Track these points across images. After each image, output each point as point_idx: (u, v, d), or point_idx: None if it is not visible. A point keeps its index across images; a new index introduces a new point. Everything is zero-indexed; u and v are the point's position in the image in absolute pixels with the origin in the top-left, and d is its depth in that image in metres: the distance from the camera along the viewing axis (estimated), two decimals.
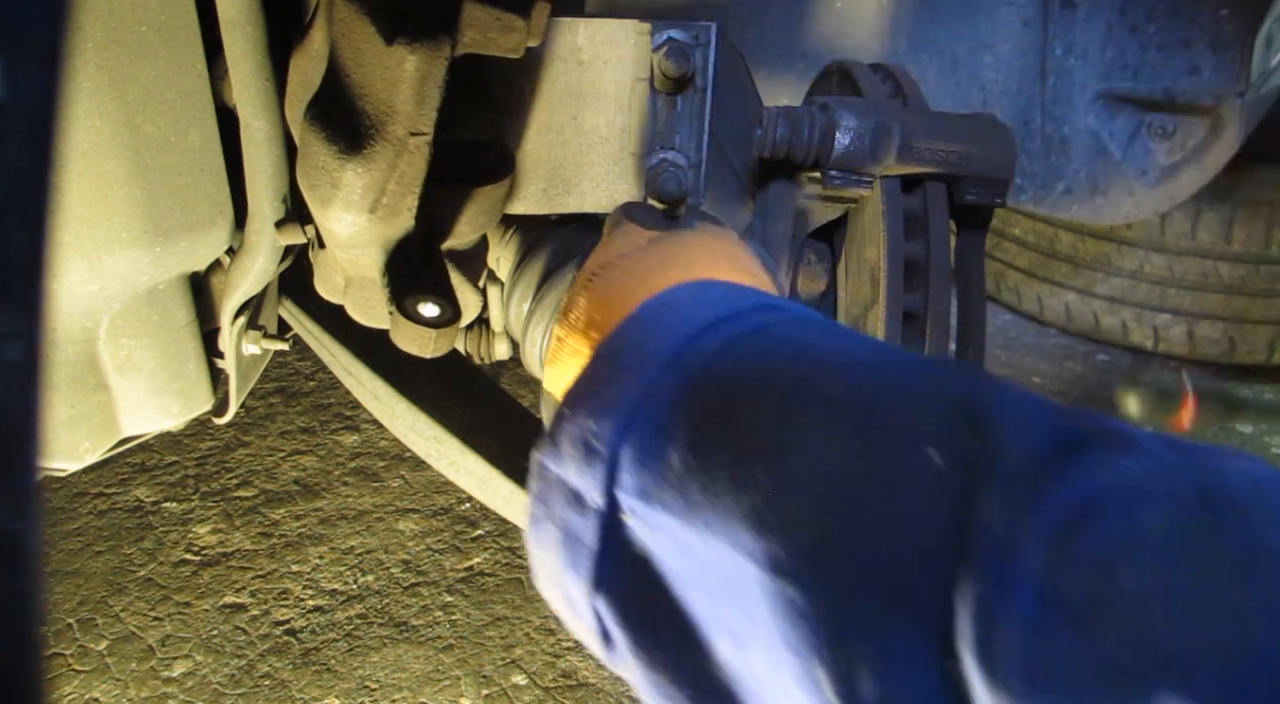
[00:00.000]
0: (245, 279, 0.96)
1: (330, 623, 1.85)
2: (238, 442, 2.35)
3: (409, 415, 1.22)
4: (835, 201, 0.84)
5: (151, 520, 2.10)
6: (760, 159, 0.84)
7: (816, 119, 0.79)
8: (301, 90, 0.79)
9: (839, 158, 0.77)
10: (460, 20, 0.68)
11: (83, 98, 0.78)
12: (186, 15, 0.84)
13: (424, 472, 2.23)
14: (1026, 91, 1.42)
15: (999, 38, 1.40)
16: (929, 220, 0.77)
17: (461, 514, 2.14)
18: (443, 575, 1.98)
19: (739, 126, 0.85)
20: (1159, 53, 1.38)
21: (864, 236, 0.82)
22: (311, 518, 2.11)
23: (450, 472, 1.23)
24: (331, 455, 2.31)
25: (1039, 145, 1.45)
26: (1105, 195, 1.47)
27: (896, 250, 0.75)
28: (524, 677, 1.75)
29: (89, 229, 0.83)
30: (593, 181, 0.87)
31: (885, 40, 1.38)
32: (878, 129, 0.76)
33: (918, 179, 0.78)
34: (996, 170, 0.78)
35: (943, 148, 0.77)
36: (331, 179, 0.73)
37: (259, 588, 1.93)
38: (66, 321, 0.89)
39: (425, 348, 0.78)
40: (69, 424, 0.94)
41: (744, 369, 0.45)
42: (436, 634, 1.83)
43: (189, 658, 1.77)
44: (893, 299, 0.76)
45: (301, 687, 1.72)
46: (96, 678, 1.71)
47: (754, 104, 0.84)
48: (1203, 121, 1.42)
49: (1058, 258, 2.83)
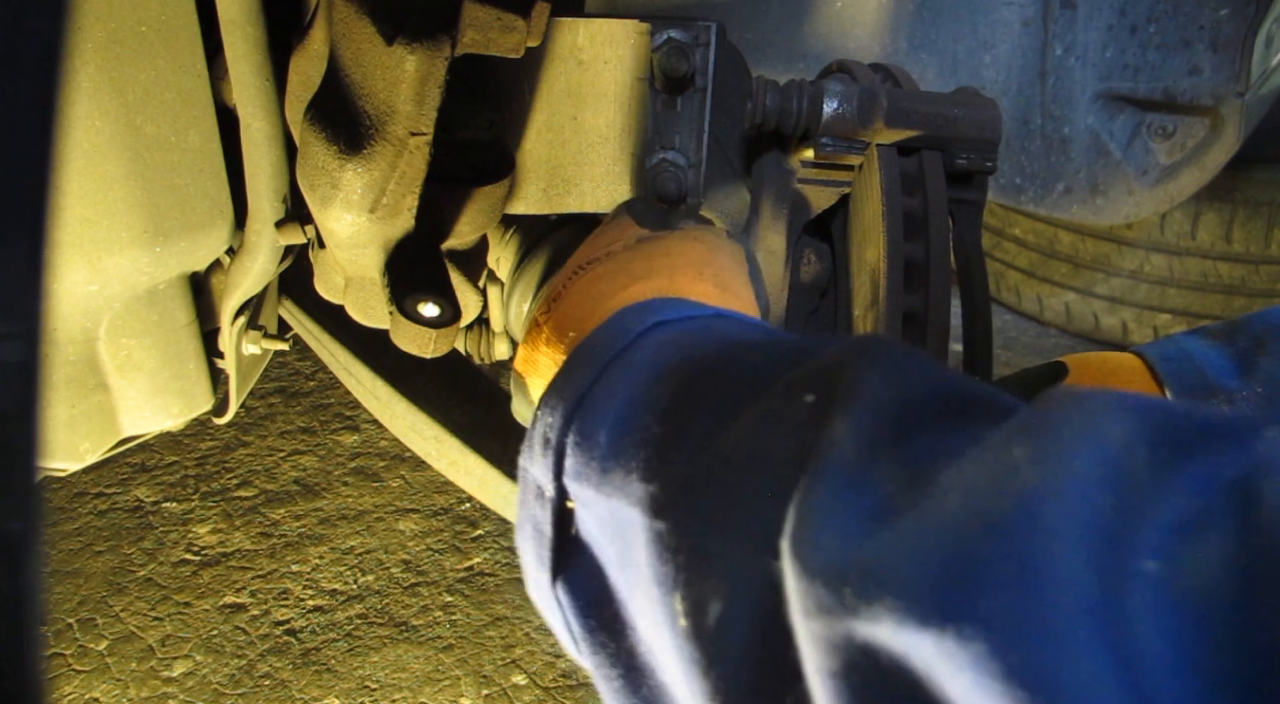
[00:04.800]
0: (245, 279, 0.96)
1: (330, 623, 1.85)
2: (238, 442, 2.35)
3: (409, 415, 1.22)
4: (830, 171, 0.84)
5: (151, 520, 2.10)
6: (752, 134, 0.84)
7: (805, 88, 0.80)
8: (301, 90, 0.79)
9: (829, 122, 0.78)
10: (460, 20, 0.68)
11: (83, 98, 0.78)
12: (186, 15, 0.84)
13: (424, 472, 2.23)
14: (1026, 92, 1.42)
15: (999, 38, 1.40)
16: (925, 181, 0.78)
17: (461, 514, 2.14)
18: (443, 575, 1.97)
19: (739, 126, 0.85)
20: (1159, 53, 1.38)
21: (864, 237, 0.82)
22: (311, 518, 2.11)
23: (450, 472, 1.23)
24: (331, 455, 2.31)
25: (1039, 145, 1.45)
26: (1105, 195, 1.47)
27: (896, 251, 0.76)
28: (524, 677, 1.75)
29: (89, 229, 0.83)
30: (593, 181, 0.87)
31: (885, 40, 1.38)
32: (865, 94, 0.77)
33: (913, 148, 0.79)
34: (984, 131, 0.79)
35: (930, 110, 0.78)
36: (331, 179, 0.73)
37: (259, 588, 1.93)
38: (66, 322, 0.89)
39: (425, 348, 0.78)
40: (69, 424, 0.94)
41: (674, 357, 0.49)
42: (436, 634, 1.83)
43: (189, 658, 1.77)
44: (893, 300, 0.76)
45: (301, 687, 1.72)
46: (96, 678, 1.71)
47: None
48: (1203, 121, 1.42)
49: (1058, 258, 2.83)
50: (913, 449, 0.36)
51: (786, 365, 0.44)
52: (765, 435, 0.40)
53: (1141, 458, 0.30)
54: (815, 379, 0.41)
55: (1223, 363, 0.76)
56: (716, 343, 0.49)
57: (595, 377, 0.49)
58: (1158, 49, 1.38)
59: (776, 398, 0.41)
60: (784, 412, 0.40)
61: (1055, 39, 1.39)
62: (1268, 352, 0.74)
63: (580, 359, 0.52)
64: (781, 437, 0.39)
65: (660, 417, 0.44)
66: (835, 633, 0.31)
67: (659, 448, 0.43)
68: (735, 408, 0.42)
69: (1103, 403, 0.33)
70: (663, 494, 0.41)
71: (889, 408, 0.37)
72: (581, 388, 0.49)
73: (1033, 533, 0.28)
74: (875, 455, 0.36)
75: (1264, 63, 1.37)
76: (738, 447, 0.40)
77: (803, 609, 0.33)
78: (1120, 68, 1.39)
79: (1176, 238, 2.58)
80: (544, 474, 0.50)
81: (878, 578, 0.30)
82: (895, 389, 0.38)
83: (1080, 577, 0.27)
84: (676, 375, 0.47)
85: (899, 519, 0.32)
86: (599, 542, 0.48)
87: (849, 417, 0.37)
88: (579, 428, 0.48)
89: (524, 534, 0.53)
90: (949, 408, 0.38)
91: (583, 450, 0.47)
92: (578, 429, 0.48)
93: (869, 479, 0.35)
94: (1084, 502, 0.29)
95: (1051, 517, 0.28)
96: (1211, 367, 0.76)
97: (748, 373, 0.45)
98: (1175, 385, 0.77)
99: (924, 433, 0.37)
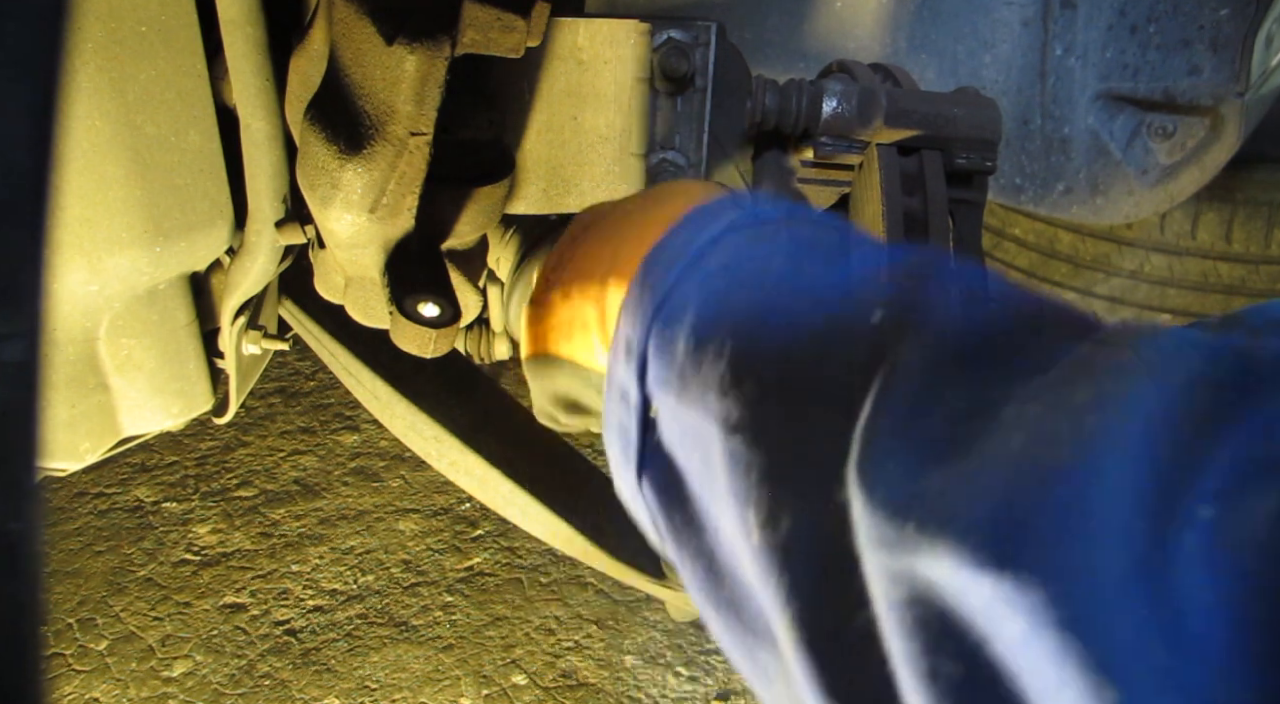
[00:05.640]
0: (245, 279, 0.96)
1: (330, 623, 1.85)
2: (238, 442, 2.35)
3: (409, 415, 1.22)
4: (829, 170, 0.84)
5: (151, 520, 2.10)
6: (751, 134, 0.84)
7: (804, 88, 0.79)
8: (301, 90, 0.79)
9: (828, 122, 0.78)
10: (460, 20, 0.68)
11: (83, 98, 0.78)
12: (186, 15, 0.84)
13: (424, 472, 2.23)
14: (1026, 92, 1.42)
15: (999, 38, 1.40)
16: (925, 181, 0.78)
17: (461, 514, 2.14)
18: (443, 575, 1.98)
19: (739, 125, 0.85)
20: (1159, 53, 1.38)
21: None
22: (311, 518, 2.11)
23: (450, 472, 1.23)
24: (331, 455, 2.31)
25: (1039, 145, 1.45)
26: (1105, 195, 1.47)
27: (896, 214, 0.76)
28: (524, 677, 1.75)
29: (89, 229, 0.83)
30: (593, 181, 0.87)
31: (885, 40, 1.38)
32: (864, 93, 0.77)
33: (912, 147, 0.79)
34: (984, 131, 0.79)
35: (929, 110, 0.78)
36: (331, 179, 0.73)
37: (259, 588, 1.93)
38: (66, 321, 0.89)
39: (425, 348, 0.78)
40: (69, 424, 0.94)
41: (752, 258, 0.49)
42: (436, 634, 1.83)
43: (189, 658, 1.77)
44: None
45: (301, 687, 1.72)
46: (96, 678, 1.71)
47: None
48: (1203, 121, 1.42)
49: (1058, 258, 2.83)
50: (980, 371, 0.36)
51: (856, 281, 0.45)
52: (833, 354, 0.41)
53: (1205, 402, 0.31)
54: (884, 295, 0.41)
55: None
56: (789, 247, 0.50)
57: (674, 281, 0.50)
58: (1158, 49, 1.38)
59: (846, 314, 0.42)
60: (853, 329, 0.41)
61: (1055, 39, 1.38)
62: None
63: (657, 261, 0.52)
64: (847, 356, 0.40)
65: (734, 330, 0.45)
66: (898, 565, 0.32)
67: (733, 364, 0.44)
68: (809, 319, 0.44)
69: (1168, 343, 0.33)
70: (736, 411, 0.42)
71: (957, 328, 0.38)
72: (660, 293, 0.50)
73: (1091, 483, 0.29)
74: (941, 379, 0.36)
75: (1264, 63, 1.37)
76: (805, 364, 0.41)
77: (867, 539, 0.34)
78: (1120, 68, 1.39)
79: (1176, 238, 2.58)
80: (629, 378, 0.51)
81: (939, 517, 0.31)
82: (965, 308, 0.39)
83: (1135, 527, 0.28)
84: (749, 284, 0.47)
85: (963, 457, 0.33)
86: (681, 447, 0.49)
87: (916, 338, 0.38)
88: (659, 333, 0.49)
89: (611, 433, 0.54)
90: (1022, 325, 0.38)
91: (664, 358, 0.48)
92: (658, 335, 0.49)
93: (933, 406, 0.36)
94: (1143, 451, 0.29)
95: (1111, 467, 0.29)
96: None
97: (820, 286, 0.46)
98: None
99: (994, 352, 0.37)
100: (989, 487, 0.31)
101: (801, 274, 0.47)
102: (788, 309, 0.45)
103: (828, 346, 0.42)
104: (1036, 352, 0.37)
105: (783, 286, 0.47)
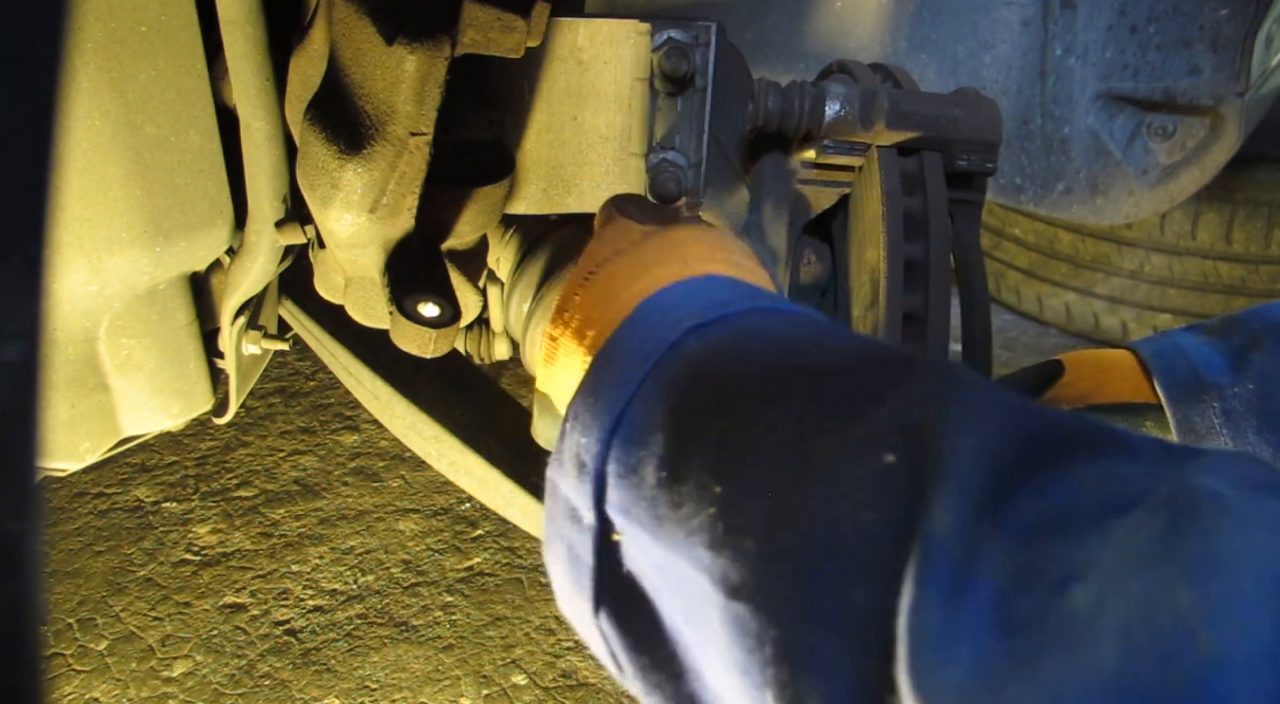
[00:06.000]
0: (245, 279, 0.96)
1: (330, 623, 1.85)
2: (238, 442, 2.35)
3: (409, 415, 1.22)
4: (831, 172, 0.84)
5: (151, 520, 2.10)
6: (753, 136, 0.84)
7: (806, 91, 0.79)
8: (301, 90, 0.79)
9: (831, 124, 0.78)
10: (460, 20, 0.68)
11: (83, 98, 0.78)
12: (186, 15, 0.84)
13: (424, 472, 2.23)
14: (1026, 91, 1.42)
15: (999, 38, 1.40)
16: (925, 182, 0.78)
17: (461, 514, 2.14)
18: (443, 575, 1.97)
19: (739, 126, 0.85)
20: (1159, 53, 1.38)
21: (864, 237, 0.82)
22: (311, 518, 2.11)
23: (450, 472, 1.23)
24: (331, 455, 2.31)
25: (1039, 145, 1.45)
26: (1105, 195, 1.47)
27: (896, 251, 0.76)
28: (524, 677, 1.75)
29: (89, 229, 0.83)
30: (593, 181, 0.87)
31: (885, 40, 1.38)
32: (866, 96, 0.77)
33: (913, 149, 0.79)
34: (985, 133, 0.79)
35: (931, 112, 0.78)
36: (331, 179, 0.73)
37: (259, 588, 1.93)
38: (66, 322, 0.89)
39: (425, 348, 0.78)
40: (69, 424, 0.94)
41: (719, 375, 0.44)
42: (436, 634, 1.83)
43: (189, 658, 1.77)
44: (893, 301, 0.76)
45: (301, 687, 1.72)
46: (96, 678, 1.71)
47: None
48: (1203, 121, 1.41)
49: (1058, 258, 2.83)
50: (1018, 518, 0.33)
51: (846, 400, 0.40)
52: (846, 508, 0.36)
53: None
54: (894, 434, 0.37)
55: (1216, 359, 0.76)
56: (761, 355, 0.45)
57: (630, 395, 0.45)
58: (1158, 49, 1.38)
59: (850, 460, 0.37)
60: (863, 477, 0.36)
61: (1055, 39, 1.39)
62: (1262, 348, 0.74)
63: (608, 365, 0.48)
64: (865, 510, 0.35)
65: (716, 467, 0.40)
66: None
67: (721, 510, 0.39)
68: (799, 456, 0.39)
69: (1248, 509, 0.29)
70: (736, 572, 0.37)
71: (984, 469, 0.34)
72: (616, 407, 0.45)
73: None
74: (981, 537, 0.32)
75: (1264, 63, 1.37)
76: (816, 519, 0.37)
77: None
78: (1120, 68, 1.39)
79: (1176, 238, 2.58)
80: (581, 499, 0.46)
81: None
82: (986, 444, 0.35)
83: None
84: (725, 409, 0.42)
85: (1036, 661, 0.29)
86: (655, 584, 0.44)
87: (942, 488, 0.34)
88: (620, 457, 0.44)
89: (555, 554, 0.49)
90: (1046, 454, 0.35)
91: (629, 486, 0.43)
92: (619, 458, 0.44)
93: (980, 575, 0.32)
94: (1264, 661, 0.26)
95: (1232, 693, 0.26)
96: (1204, 362, 0.76)
97: (810, 406, 0.41)
98: (1166, 381, 0.78)
99: (1026, 492, 0.33)
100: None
101: (785, 389, 0.42)
102: (772, 437, 0.40)
103: (833, 496, 0.36)
104: (1070, 469, 0.33)
105: (766, 407, 0.41)
